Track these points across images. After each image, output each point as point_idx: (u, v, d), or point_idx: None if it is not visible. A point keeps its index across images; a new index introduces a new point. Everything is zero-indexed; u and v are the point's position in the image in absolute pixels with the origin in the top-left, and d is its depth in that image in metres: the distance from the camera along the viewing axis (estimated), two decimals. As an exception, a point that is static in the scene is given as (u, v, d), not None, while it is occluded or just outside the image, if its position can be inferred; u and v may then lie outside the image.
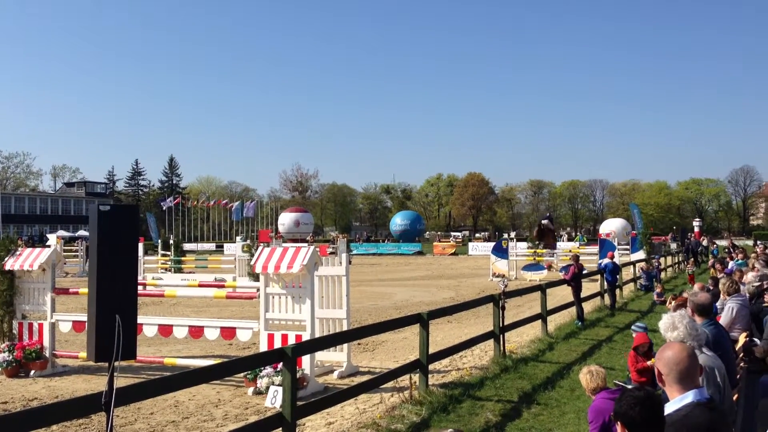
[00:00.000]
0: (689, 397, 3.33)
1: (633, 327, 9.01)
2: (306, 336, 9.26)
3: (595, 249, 31.44)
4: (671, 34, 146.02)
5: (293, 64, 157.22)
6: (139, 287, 11.86)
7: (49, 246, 11.89)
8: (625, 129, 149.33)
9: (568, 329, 14.69)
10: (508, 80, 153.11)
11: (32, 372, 10.92)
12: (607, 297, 19.00)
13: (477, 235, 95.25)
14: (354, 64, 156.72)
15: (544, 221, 33.79)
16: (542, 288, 14.58)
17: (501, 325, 11.52)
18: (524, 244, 36.87)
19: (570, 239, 59.24)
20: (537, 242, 33.27)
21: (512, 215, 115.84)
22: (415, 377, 9.12)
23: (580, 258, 18.98)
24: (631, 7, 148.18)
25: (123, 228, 4.78)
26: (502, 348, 11.53)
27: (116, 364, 4.64)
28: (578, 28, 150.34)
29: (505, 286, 11.88)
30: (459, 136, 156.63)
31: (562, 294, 19.00)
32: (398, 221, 79.89)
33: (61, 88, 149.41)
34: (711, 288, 11.04)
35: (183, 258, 35.03)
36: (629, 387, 4.39)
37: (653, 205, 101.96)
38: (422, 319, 9.30)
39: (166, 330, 10.50)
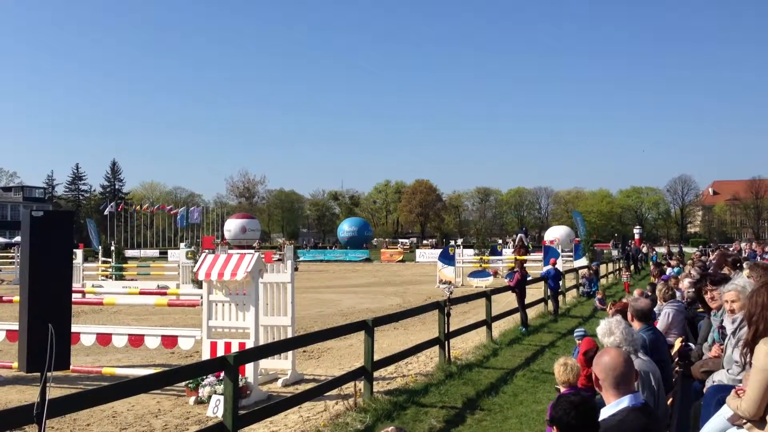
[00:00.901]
0: (624, 402, 3.39)
1: (575, 333, 9.19)
2: (250, 344, 9.14)
3: (539, 256, 31.96)
4: (615, 40, 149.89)
5: (239, 70, 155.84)
6: (78, 295, 11.59)
7: (-19, 252, 11.47)
8: (570, 137, 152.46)
9: (512, 335, 14.87)
10: (455, 88, 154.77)
11: (-38, 383, 10.50)
12: (550, 303, 19.32)
13: (424, 241, 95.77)
14: (300, 71, 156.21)
15: (521, 234, 34.16)
16: (487, 294, 14.72)
17: (446, 331, 11.58)
18: (471, 251, 37.30)
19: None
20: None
21: (459, 222, 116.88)
22: (360, 384, 9.08)
23: (525, 264, 19.29)
24: (572, 8, 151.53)
25: (57, 234, 4.63)
26: (447, 354, 11.58)
27: (49, 374, 4.49)
28: (525, 37, 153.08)
29: (451, 292, 11.96)
30: (407, 143, 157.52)
31: (507, 300, 19.21)
32: (346, 228, 79.81)
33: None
34: (649, 294, 11.33)
35: (125, 265, 34.30)
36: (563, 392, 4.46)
37: (596, 213, 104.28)
38: (367, 326, 9.29)
39: (104, 339, 10.23)
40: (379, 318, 10.13)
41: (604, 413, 3.38)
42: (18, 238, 65.60)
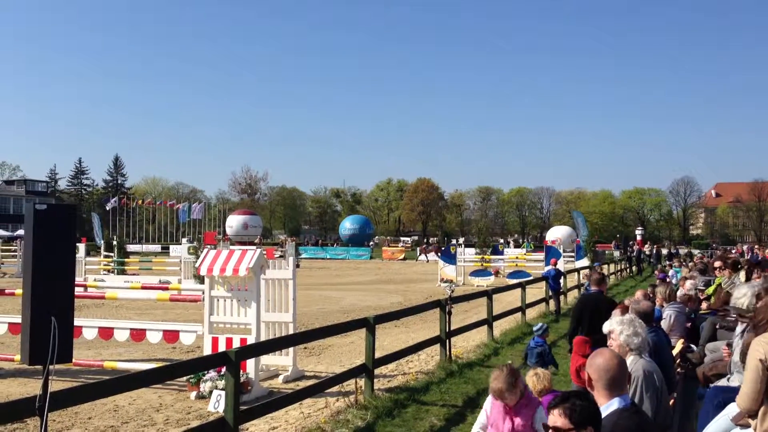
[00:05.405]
0: (614, 404, 3.41)
1: (534, 328, 9.59)
2: (251, 340, 9.14)
3: (541, 256, 31.96)
4: (623, 44, 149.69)
5: (243, 66, 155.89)
6: (80, 289, 11.61)
7: (-16, 245, 11.48)
8: (572, 137, 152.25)
9: (513, 334, 14.86)
10: (457, 87, 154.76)
11: (-36, 376, 10.52)
12: (551, 302, 19.32)
13: (426, 240, 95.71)
14: (306, 69, 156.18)
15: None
16: (489, 294, 14.72)
17: (447, 330, 11.58)
18: (472, 250, 37.29)
19: (517, 246, 60.06)
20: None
21: (461, 221, 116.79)
22: (361, 382, 9.09)
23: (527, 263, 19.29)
24: (577, 8, 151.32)
25: (60, 228, 4.63)
26: (448, 353, 11.59)
27: (51, 367, 4.50)
28: (527, 36, 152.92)
29: (452, 291, 11.96)
30: (410, 141, 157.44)
31: (508, 300, 19.25)
32: (348, 225, 79.64)
33: (1, 85, 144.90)
34: (651, 295, 11.31)
35: (127, 259, 34.29)
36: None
37: (598, 214, 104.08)
38: (368, 324, 9.29)
39: (106, 333, 10.25)
40: (380, 315, 10.13)
41: None
42: (20, 232, 65.69)
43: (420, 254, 60.59)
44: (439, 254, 55.49)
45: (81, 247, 28.88)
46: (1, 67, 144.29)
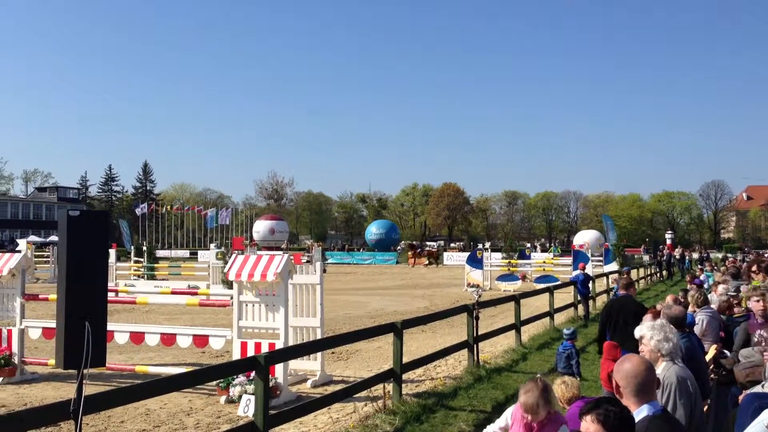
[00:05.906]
0: (644, 411, 3.36)
1: (564, 332, 9.56)
2: (279, 344, 9.19)
3: (569, 260, 31.73)
4: (645, 46, 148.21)
5: (270, 71, 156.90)
6: (111, 294, 11.76)
7: (19, 251, 11.69)
8: (600, 140, 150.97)
9: (541, 339, 14.75)
10: (483, 91, 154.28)
11: (0, 379, 10.71)
12: (580, 307, 19.15)
13: (452, 245, 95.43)
14: (331, 73, 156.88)
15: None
16: (516, 298, 14.64)
17: (475, 335, 11.54)
18: (499, 255, 37.16)
19: (544, 250, 59.70)
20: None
21: (487, 226, 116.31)
22: (389, 387, 9.09)
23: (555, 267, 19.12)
24: (605, 11, 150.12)
25: (93, 234, 4.72)
26: (475, 358, 11.54)
27: (85, 371, 4.57)
28: (554, 40, 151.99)
29: (479, 296, 11.92)
30: (435, 146, 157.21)
31: (536, 304, 19.12)
32: (374, 230, 79.77)
33: (32, 92, 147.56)
34: (682, 300, 11.17)
35: (156, 265, 34.71)
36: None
37: (626, 217, 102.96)
38: (396, 329, 9.29)
39: (137, 337, 10.37)
40: (407, 320, 10.13)
41: None
42: (53, 238, 66.85)
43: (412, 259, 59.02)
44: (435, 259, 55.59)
45: (112, 253, 29.30)
46: (35, 75, 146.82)
